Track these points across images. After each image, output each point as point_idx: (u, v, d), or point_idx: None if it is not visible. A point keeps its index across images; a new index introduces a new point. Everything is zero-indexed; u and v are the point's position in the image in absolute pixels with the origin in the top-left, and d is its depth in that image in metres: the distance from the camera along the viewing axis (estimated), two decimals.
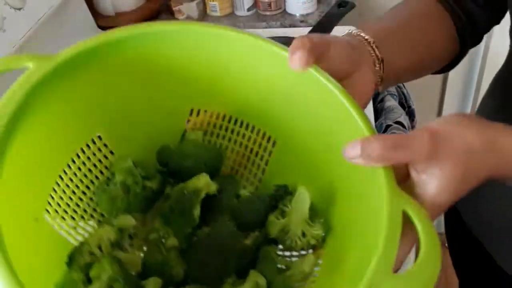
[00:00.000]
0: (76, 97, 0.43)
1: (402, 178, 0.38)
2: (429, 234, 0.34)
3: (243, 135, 0.50)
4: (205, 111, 0.50)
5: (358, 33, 0.49)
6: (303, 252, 0.43)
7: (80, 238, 0.43)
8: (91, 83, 0.43)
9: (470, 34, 0.56)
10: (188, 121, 0.50)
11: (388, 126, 0.96)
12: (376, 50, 0.48)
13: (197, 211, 0.43)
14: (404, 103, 1.04)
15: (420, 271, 0.33)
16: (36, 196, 0.40)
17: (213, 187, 0.44)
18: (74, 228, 0.43)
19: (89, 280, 0.36)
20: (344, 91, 0.41)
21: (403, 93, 1.05)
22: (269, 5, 1.20)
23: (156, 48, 0.44)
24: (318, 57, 0.41)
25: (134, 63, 0.45)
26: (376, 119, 0.97)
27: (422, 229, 0.34)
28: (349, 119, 0.40)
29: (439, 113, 1.64)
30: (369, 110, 0.96)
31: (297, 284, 0.42)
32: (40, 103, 0.39)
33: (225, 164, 0.50)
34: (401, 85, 1.06)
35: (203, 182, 0.44)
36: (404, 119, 0.97)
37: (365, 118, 0.40)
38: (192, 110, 0.50)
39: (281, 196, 0.45)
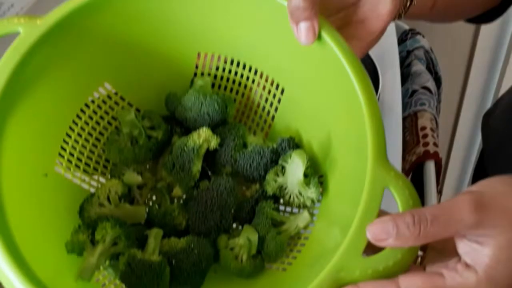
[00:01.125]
0: (79, 51, 0.43)
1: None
2: None
3: (253, 80, 0.49)
4: (212, 55, 0.49)
5: None
6: (300, 210, 0.44)
7: (95, 184, 0.47)
8: (92, 36, 0.43)
9: None
10: (197, 66, 0.50)
11: (414, 91, 0.89)
12: None
13: (196, 167, 0.44)
14: (432, 69, 0.95)
15: (392, 254, 0.32)
16: (45, 152, 0.43)
17: (213, 143, 0.44)
18: (90, 175, 0.46)
19: (94, 241, 0.40)
20: (345, 49, 0.38)
21: (431, 58, 0.95)
22: None
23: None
24: None
25: (138, 14, 0.44)
26: (402, 83, 0.91)
27: (403, 210, 0.33)
28: (346, 78, 0.38)
29: (465, 81, 1.50)
30: (396, 74, 0.89)
31: (289, 240, 0.43)
32: (37, 65, 0.40)
33: (236, 108, 0.50)
34: (429, 50, 0.97)
35: (203, 138, 0.44)
36: (431, 84, 0.89)
37: (364, 79, 0.37)
38: (199, 55, 0.49)
39: (284, 149, 0.45)
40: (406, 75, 0.95)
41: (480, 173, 0.77)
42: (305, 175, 0.42)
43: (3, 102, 0.37)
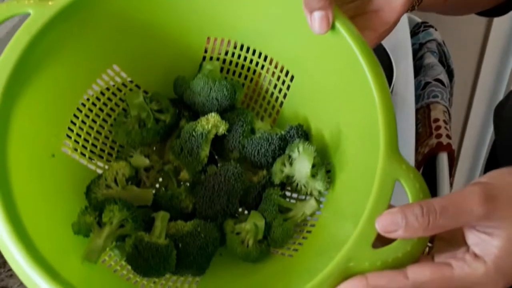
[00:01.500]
0: (88, 32, 0.43)
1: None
2: None
3: (262, 66, 0.49)
4: (222, 39, 0.48)
5: None
6: (307, 198, 0.44)
7: (102, 164, 0.47)
8: (102, 18, 0.43)
9: None
10: (206, 50, 0.49)
11: (427, 83, 0.88)
12: None
13: (204, 152, 0.44)
14: (444, 62, 0.94)
15: (401, 246, 0.32)
16: (52, 133, 0.42)
17: (221, 128, 0.44)
18: (97, 156, 0.46)
19: (101, 223, 0.40)
20: (359, 39, 0.37)
21: (444, 51, 0.94)
22: None
23: None
24: None
25: None
26: (415, 76, 0.90)
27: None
28: (358, 68, 0.37)
29: (477, 74, 1.47)
30: (409, 66, 0.90)
31: (295, 227, 0.43)
32: (46, 47, 0.39)
33: (244, 93, 0.50)
34: (441, 43, 0.96)
35: (211, 123, 0.44)
36: (444, 77, 0.88)
37: (377, 70, 0.37)
38: (208, 39, 0.49)
39: (292, 137, 0.45)
40: (418, 68, 0.95)
41: (492, 166, 0.76)
42: (313, 166, 0.42)
43: (12, 83, 0.37)
